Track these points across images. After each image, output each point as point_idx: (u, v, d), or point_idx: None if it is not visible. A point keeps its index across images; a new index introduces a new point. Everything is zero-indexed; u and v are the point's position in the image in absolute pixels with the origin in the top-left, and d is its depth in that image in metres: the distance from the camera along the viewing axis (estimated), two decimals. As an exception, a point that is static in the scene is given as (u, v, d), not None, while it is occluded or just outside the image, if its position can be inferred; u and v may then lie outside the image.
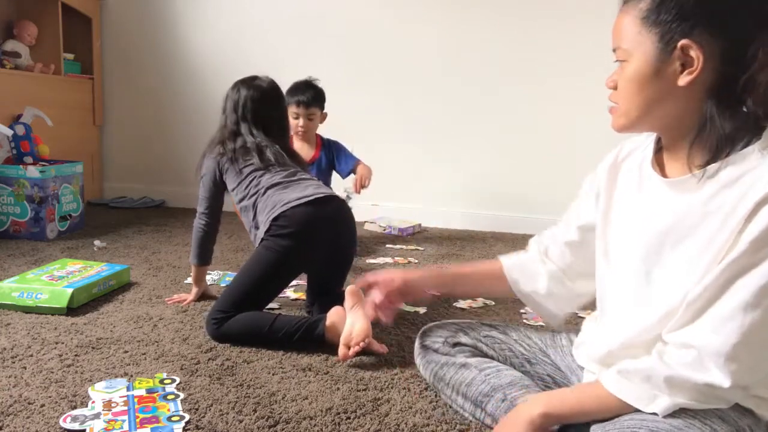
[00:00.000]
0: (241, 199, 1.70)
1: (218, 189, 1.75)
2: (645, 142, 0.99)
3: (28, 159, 2.68)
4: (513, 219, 3.17)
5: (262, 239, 1.59)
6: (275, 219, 1.56)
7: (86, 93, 3.50)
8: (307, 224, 1.56)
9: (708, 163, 0.83)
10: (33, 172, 2.51)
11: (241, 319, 1.48)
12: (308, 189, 1.63)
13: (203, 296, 1.83)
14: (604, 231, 1.01)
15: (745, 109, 0.82)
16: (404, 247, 2.70)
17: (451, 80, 3.21)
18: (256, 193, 1.65)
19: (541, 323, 1.75)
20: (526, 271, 1.16)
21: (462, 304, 1.90)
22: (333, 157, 2.54)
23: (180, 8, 3.49)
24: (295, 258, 1.57)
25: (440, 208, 3.29)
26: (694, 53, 0.81)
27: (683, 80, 0.82)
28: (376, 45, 3.27)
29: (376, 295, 1.17)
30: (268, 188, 1.64)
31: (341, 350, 1.37)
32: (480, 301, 1.93)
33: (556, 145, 3.12)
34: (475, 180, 3.26)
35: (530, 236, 1.22)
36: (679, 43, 0.81)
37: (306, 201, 1.57)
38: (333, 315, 1.46)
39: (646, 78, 0.85)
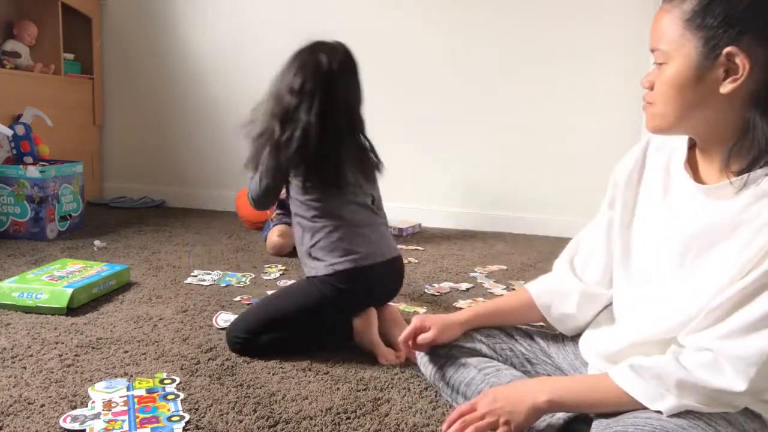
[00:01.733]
0: (298, 215, 1.55)
1: (282, 183, 1.57)
2: (673, 139, 0.96)
3: (28, 159, 2.67)
4: (513, 219, 3.15)
5: (315, 276, 1.49)
6: (343, 271, 1.46)
7: (86, 93, 3.49)
8: (372, 285, 1.52)
9: (746, 171, 0.81)
10: (33, 172, 2.51)
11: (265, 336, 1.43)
12: (380, 244, 1.54)
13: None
14: (623, 231, 1.00)
15: None
16: (404, 247, 2.70)
17: (451, 80, 3.21)
18: (319, 222, 1.51)
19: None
20: (555, 295, 1.14)
21: (462, 304, 1.90)
22: None
23: (180, 8, 3.48)
24: (344, 308, 1.51)
25: (440, 208, 3.29)
26: (740, 61, 0.79)
27: (726, 88, 0.80)
28: (376, 45, 3.26)
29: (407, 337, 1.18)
30: (335, 226, 1.50)
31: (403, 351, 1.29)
32: (480, 301, 1.93)
33: (556, 145, 3.12)
34: (475, 180, 3.26)
35: (530, 236, 1.21)
36: (725, 50, 0.79)
37: (380, 262, 1.51)
38: (356, 322, 1.48)
39: (687, 83, 0.83)
